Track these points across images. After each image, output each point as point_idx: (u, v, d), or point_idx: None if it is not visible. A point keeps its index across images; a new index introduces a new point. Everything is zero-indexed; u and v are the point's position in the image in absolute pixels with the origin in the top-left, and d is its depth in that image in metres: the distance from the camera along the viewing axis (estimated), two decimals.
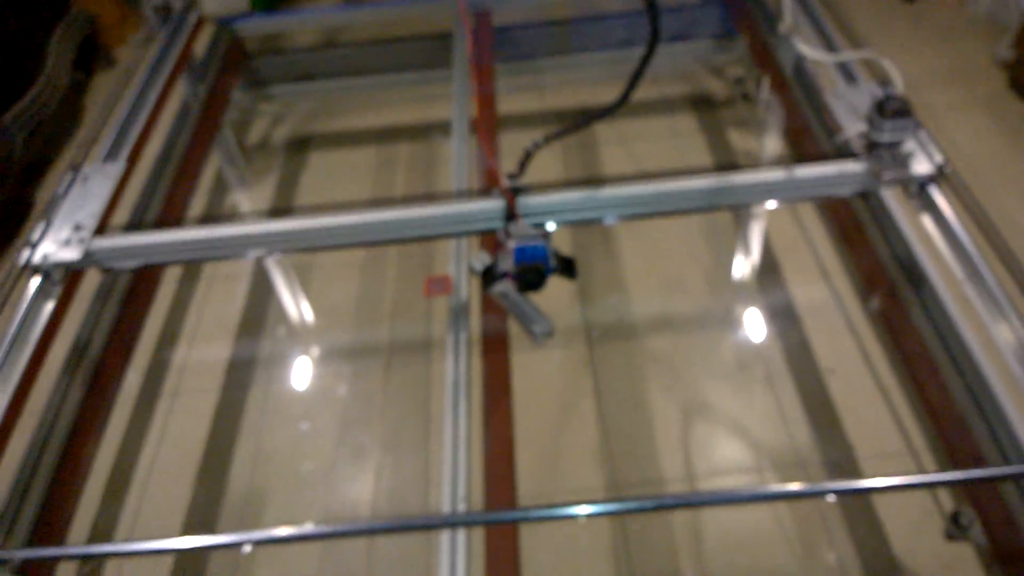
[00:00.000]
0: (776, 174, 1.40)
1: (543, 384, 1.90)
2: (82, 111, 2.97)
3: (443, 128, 2.63)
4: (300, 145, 2.70)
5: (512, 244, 1.28)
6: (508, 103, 2.04)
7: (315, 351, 2.08)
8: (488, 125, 1.70)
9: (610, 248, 2.20)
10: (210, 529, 1.74)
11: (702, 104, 2.66)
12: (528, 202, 1.37)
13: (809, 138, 1.75)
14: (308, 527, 1.08)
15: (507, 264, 1.29)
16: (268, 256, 2.25)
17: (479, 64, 2.02)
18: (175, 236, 1.43)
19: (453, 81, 2.02)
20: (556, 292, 1.41)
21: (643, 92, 1.17)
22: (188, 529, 1.74)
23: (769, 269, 2.11)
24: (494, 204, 1.39)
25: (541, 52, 2.49)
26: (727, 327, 2.01)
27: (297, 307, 2.19)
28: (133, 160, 1.63)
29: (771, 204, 2.13)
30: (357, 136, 2.72)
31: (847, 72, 1.60)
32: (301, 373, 2.03)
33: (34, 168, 2.69)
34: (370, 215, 1.43)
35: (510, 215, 1.35)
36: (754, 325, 2.00)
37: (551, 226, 1.38)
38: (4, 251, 2.45)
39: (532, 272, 1.28)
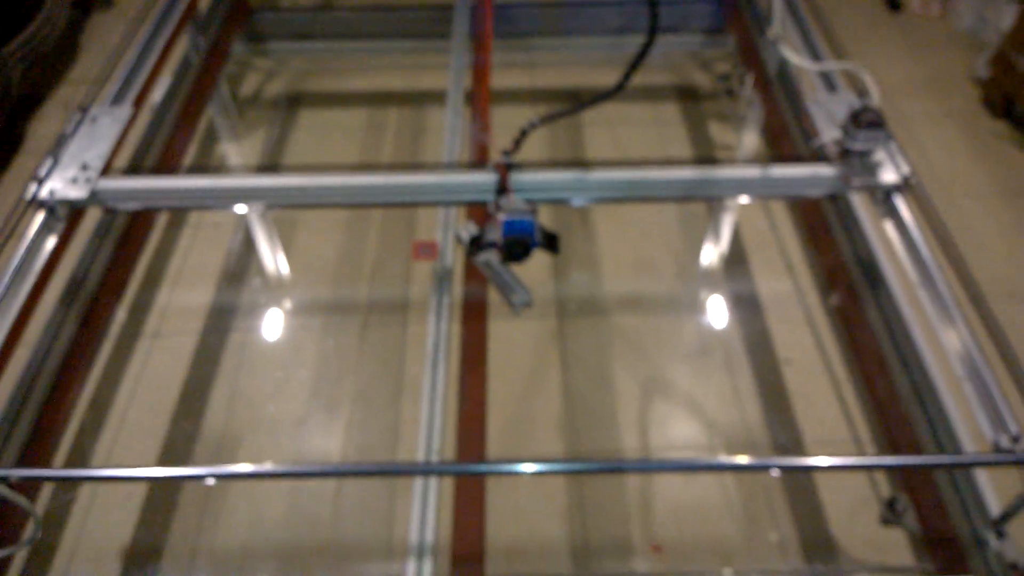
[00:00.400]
0: (753, 171, 1.48)
1: (516, 352, 1.99)
2: (78, 50, 2.97)
3: (434, 98, 2.68)
4: (292, 102, 2.73)
5: (502, 217, 1.35)
6: (499, 79, 2.10)
7: (295, 304, 2.14)
8: (483, 99, 1.76)
9: (588, 228, 2.28)
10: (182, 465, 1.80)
11: (687, 95, 2.74)
12: (520, 178, 1.44)
13: (786, 139, 1.84)
14: (291, 465, 1.14)
15: (495, 235, 1.37)
16: (268, 210, 2.29)
17: (478, 38, 2.07)
18: (178, 183, 1.48)
19: (452, 53, 2.07)
20: (534, 266, 1.48)
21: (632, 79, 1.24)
22: (161, 463, 1.81)
23: (738, 260, 2.21)
24: (487, 177, 1.46)
25: (537, 31, 2.54)
26: (693, 312, 2.11)
27: (281, 260, 2.24)
28: (138, 105, 1.67)
29: (745, 199, 2.23)
30: (349, 98, 2.76)
31: (828, 80, 1.67)
32: (279, 324, 2.09)
33: (27, 103, 2.70)
34: (365, 178, 1.49)
35: (502, 189, 1.42)
36: (719, 312, 2.10)
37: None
38: None
39: (519, 245, 1.35)
